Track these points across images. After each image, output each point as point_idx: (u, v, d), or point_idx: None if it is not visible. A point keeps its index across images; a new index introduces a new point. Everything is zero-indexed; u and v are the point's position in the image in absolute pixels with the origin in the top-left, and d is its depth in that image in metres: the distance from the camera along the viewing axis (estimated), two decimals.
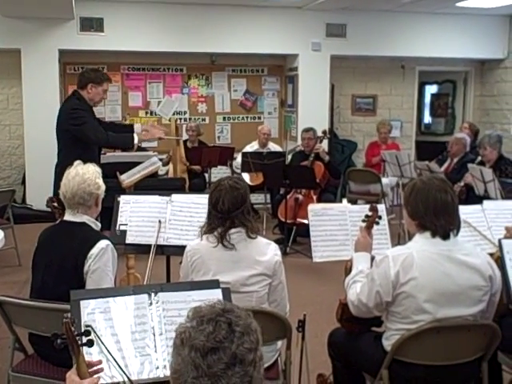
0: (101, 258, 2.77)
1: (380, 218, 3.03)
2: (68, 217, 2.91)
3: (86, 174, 2.88)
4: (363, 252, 2.90)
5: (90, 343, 1.90)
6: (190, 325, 1.36)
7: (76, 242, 2.81)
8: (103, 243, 2.80)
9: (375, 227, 3.03)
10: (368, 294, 2.59)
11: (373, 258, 2.77)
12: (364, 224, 3.01)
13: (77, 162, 2.98)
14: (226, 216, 2.76)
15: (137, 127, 5.03)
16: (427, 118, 10.71)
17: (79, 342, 1.85)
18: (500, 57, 9.16)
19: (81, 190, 2.85)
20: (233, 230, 2.77)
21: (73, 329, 1.84)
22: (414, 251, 2.52)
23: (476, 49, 9.02)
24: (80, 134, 4.60)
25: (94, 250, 2.76)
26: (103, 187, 2.96)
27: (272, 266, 2.82)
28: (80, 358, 1.84)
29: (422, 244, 2.55)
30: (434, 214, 2.52)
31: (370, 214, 3.01)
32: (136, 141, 4.85)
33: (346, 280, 2.82)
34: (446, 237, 2.54)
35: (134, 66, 8.67)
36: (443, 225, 2.52)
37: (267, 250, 2.84)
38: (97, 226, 2.96)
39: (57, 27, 7.75)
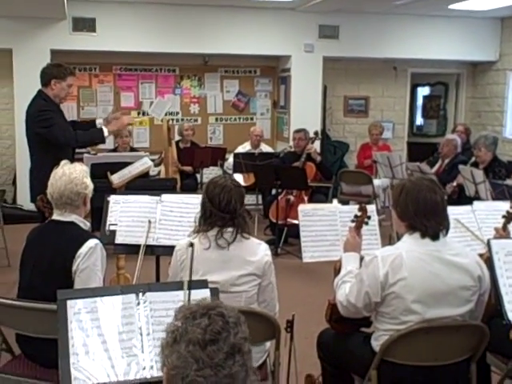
0: (89, 258, 2.74)
1: (369, 218, 3.03)
2: (56, 216, 2.89)
3: (72, 174, 2.85)
4: (352, 252, 2.89)
5: None
6: (181, 322, 1.38)
7: (64, 242, 2.79)
8: (92, 242, 2.77)
9: (365, 227, 3.03)
10: (357, 295, 2.58)
11: (362, 259, 2.77)
12: (353, 224, 3.00)
13: (63, 162, 2.95)
14: (233, 215, 2.75)
15: (99, 122, 4.90)
16: (419, 120, 10.73)
17: None
18: (492, 59, 9.18)
19: (68, 190, 2.82)
20: (229, 229, 2.75)
21: None
22: (403, 251, 2.52)
23: (468, 51, 9.04)
24: (49, 136, 4.46)
25: (83, 249, 2.74)
26: (91, 186, 2.94)
27: (262, 266, 2.81)
28: None
29: (410, 244, 2.55)
30: (424, 214, 2.52)
31: (359, 214, 3.01)
32: (106, 133, 4.72)
33: (335, 280, 2.81)
34: (435, 237, 2.53)
35: (126, 66, 8.65)
36: (433, 225, 2.52)
37: (258, 250, 2.83)
38: (85, 225, 2.94)
39: (49, 27, 7.72)
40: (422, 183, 2.58)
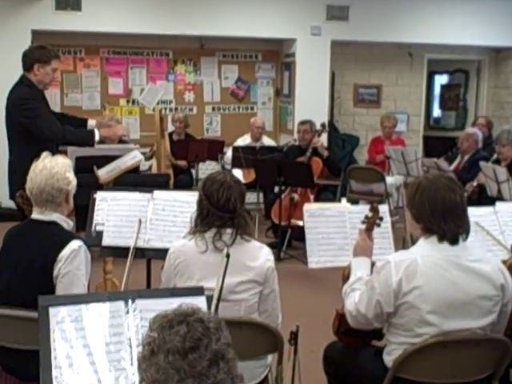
0: (72, 261, 2.74)
1: (381, 219, 3.03)
2: (36, 215, 2.88)
3: (54, 168, 2.83)
4: (362, 257, 2.89)
5: None
6: (157, 332, 1.39)
7: (45, 243, 2.78)
8: (75, 244, 2.77)
9: (376, 229, 3.03)
10: (367, 304, 2.58)
11: (373, 264, 2.77)
12: (364, 226, 3.00)
13: (44, 154, 2.92)
14: (233, 215, 2.75)
15: (91, 123, 4.89)
16: (436, 112, 10.74)
17: None
18: None
19: (49, 186, 2.81)
20: (228, 230, 2.75)
21: None
22: (418, 257, 2.51)
23: (490, 35, 9.02)
24: (33, 127, 4.44)
25: (65, 252, 2.73)
26: (74, 182, 2.93)
27: (264, 272, 2.80)
28: None
29: (427, 249, 2.55)
30: (442, 216, 2.51)
31: (370, 214, 3.01)
32: (97, 137, 4.73)
33: (343, 288, 2.81)
34: (454, 241, 2.53)
35: (114, 49, 8.63)
36: (452, 228, 2.52)
37: (259, 255, 2.82)
38: (68, 225, 2.93)
39: (29, 5, 7.70)
40: (440, 181, 2.58)
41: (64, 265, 2.73)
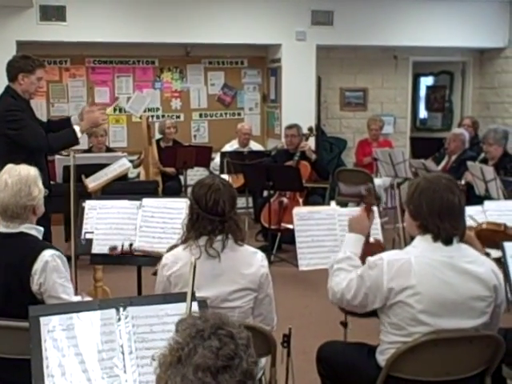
0: (50, 274, 2.69)
1: (379, 199, 3.05)
2: (2, 229, 2.79)
3: (17, 185, 2.73)
4: (357, 233, 2.90)
5: None
6: (187, 340, 1.35)
7: (15, 258, 2.71)
8: (46, 255, 2.71)
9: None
10: (355, 293, 2.62)
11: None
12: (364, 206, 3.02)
13: (6, 168, 2.82)
14: (223, 218, 2.73)
15: (74, 119, 4.83)
16: (422, 113, 10.77)
17: None
18: (500, 45, 9.24)
19: (12, 205, 2.72)
20: (219, 237, 2.73)
21: None
22: (412, 257, 2.53)
23: (474, 37, 9.08)
24: (19, 139, 4.41)
25: (38, 265, 2.68)
26: (40, 194, 2.81)
27: (257, 279, 2.80)
28: None
29: (421, 249, 2.56)
30: (439, 215, 2.52)
31: (364, 193, 3.02)
32: (79, 134, 4.65)
33: (330, 263, 2.85)
34: (448, 242, 2.54)
35: (100, 58, 8.61)
36: (447, 228, 2.52)
37: (253, 261, 2.81)
38: (38, 231, 2.85)
39: (14, 16, 7.66)
40: (440, 182, 2.60)
41: (42, 278, 2.68)
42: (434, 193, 2.55)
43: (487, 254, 2.80)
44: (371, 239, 3.10)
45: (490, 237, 3.18)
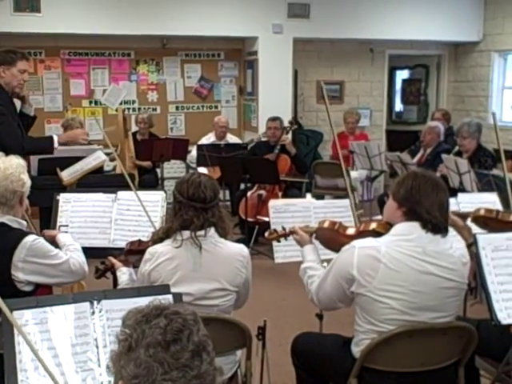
0: (33, 258, 2.70)
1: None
2: None
3: (8, 169, 2.77)
4: (307, 245, 2.98)
5: None
6: (133, 327, 1.36)
7: None
8: (27, 241, 2.71)
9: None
10: (330, 286, 2.63)
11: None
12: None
13: None
14: (205, 205, 2.72)
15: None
16: (398, 106, 10.84)
17: None
18: (475, 39, 9.31)
19: (2, 188, 2.75)
20: (201, 232, 2.71)
21: None
22: (383, 246, 2.50)
23: (449, 31, 9.14)
24: None
25: (19, 252, 2.69)
26: (28, 183, 2.87)
27: (236, 283, 2.81)
28: None
29: (397, 239, 2.53)
30: (430, 203, 2.51)
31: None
32: (56, 144, 4.64)
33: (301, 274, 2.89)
34: (436, 230, 2.52)
35: (75, 50, 8.52)
36: (437, 216, 2.52)
37: (235, 263, 2.81)
38: (21, 224, 2.86)
39: None
40: (435, 177, 2.64)
41: (27, 264, 2.69)
42: (426, 184, 2.54)
43: (470, 246, 2.80)
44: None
45: (485, 222, 3.22)
